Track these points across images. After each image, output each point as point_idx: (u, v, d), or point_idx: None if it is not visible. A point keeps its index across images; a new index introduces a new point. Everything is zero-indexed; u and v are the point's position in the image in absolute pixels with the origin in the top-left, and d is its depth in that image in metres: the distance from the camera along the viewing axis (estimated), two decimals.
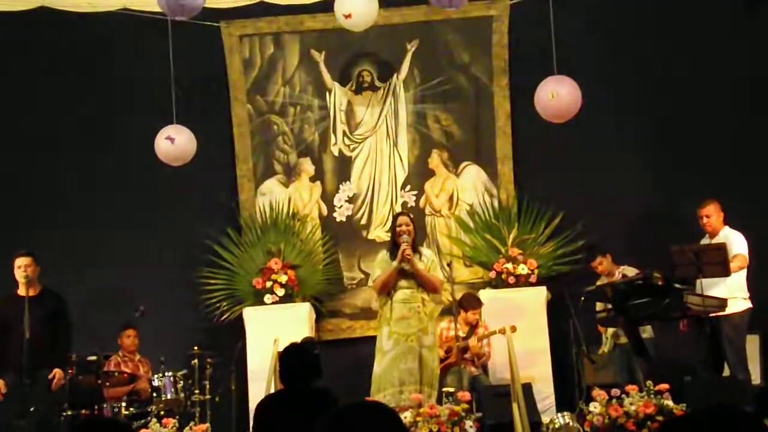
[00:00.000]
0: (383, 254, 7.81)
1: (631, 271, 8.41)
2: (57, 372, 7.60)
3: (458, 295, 8.37)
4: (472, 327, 8.60)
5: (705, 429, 1.96)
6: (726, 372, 7.80)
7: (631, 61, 9.46)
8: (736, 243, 7.82)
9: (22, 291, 7.60)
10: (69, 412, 7.90)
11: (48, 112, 9.59)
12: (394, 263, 7.48)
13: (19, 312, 7.41)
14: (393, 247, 7.68)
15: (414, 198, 9.63)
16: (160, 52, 8.55)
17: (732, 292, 7.72)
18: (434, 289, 7.67)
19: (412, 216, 7.93)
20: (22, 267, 7.63)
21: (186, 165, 8.64)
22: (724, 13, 9.37)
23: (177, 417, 7.63)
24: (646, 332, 8.42)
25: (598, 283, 8.53)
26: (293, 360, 4.58)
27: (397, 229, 7.61)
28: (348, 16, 7.71)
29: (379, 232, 9.56)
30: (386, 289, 7.54)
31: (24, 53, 9.59)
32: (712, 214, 8.00)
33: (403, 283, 7.49)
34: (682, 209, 8.55)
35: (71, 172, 9.55)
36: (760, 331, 8.44)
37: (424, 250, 7.95)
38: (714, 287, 7.67)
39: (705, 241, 8.02)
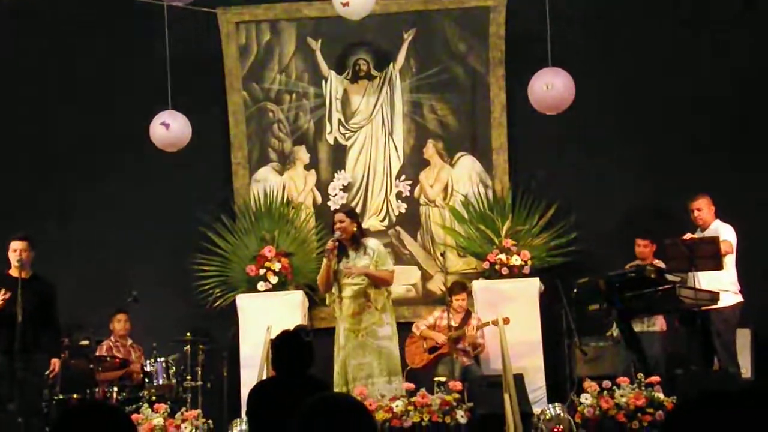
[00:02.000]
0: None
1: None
2: (55, 362, 7.56)
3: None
4: (465, 316, 8.62)
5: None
6: (716, 365, 7.83)
7: (626, 53, 9.45)
8: (724, 232, 7.89)
9: (14, 272, 7.52)
10: (61, 396, 7.92)
11: (43, 96, 9.57)
12: (324, 260, 7.34)
13: (10, 293, 7.35)
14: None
15: (409, 188, 9.63)
16: (157, 37, 8.53)
17: (723, 286, 7.75)
18: (386, 283, 7.36)
19: (352, 212, 7.58)
20: (17, 251, 7.52)
21: (181, 151, 8.65)
22: (722, 5, 9.36)
23: (169, 402, 7.66)
24: (656, 325, 8.41)
25: (628, 265, 8.41)
26: (285, 347, 4.61)
27: (334, 226, 7.37)
28: (345, 4, 7.70)
29: (374, 222, 9.57)
30: (325, 287, 7.37)
31: (19, 35, 9.56)
32: (702, 207, 8.04)
33: (348, 280, 7.25)
34: (675, 203, 8.55)
35: (66, 156, 9.54)
36: (751, 325, 8.47)
37: (370, 241, 7.51)
38: (705, 281, 7.71)
39: (697, 234, 8.04)
